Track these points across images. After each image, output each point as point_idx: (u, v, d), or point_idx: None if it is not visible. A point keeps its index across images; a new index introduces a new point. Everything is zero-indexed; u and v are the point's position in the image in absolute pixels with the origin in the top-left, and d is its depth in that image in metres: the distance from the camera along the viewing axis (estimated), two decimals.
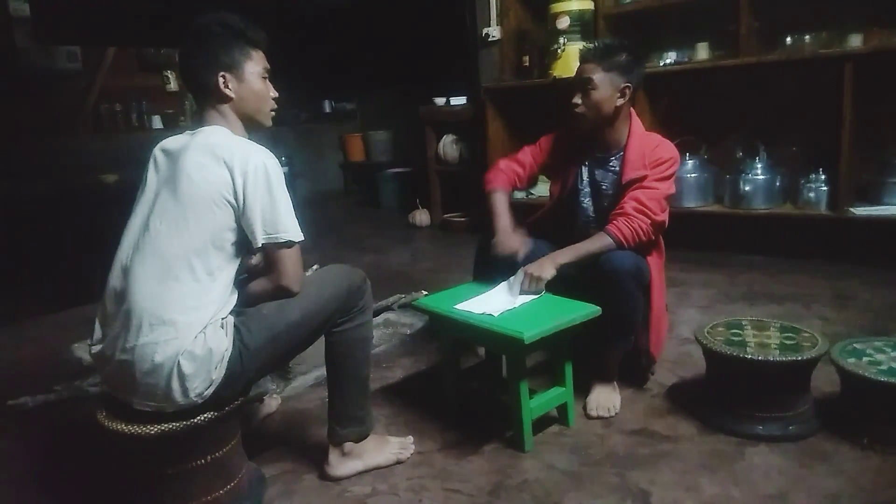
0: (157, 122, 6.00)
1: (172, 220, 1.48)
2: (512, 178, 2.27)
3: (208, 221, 1.48)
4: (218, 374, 1.46)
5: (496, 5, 4.66)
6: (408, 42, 6.35)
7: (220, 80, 1.57)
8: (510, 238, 2.09)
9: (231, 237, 1.51)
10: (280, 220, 1.51)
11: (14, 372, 2.73)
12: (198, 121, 1.65)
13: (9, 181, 4.39)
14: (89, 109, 5.60)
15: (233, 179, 1.48)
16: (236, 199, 1.49)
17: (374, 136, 7.23)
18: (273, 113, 1.71)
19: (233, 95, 1.59)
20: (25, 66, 4.97)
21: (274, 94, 1.68)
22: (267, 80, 1.66)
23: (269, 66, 1.67)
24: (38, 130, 4.99)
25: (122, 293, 1.48)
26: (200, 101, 1.63)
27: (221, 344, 1.47)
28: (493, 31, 4.68)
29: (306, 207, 6.76)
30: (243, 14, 1.62)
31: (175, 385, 1.42)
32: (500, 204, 2.19)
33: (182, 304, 1.44)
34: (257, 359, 1.54)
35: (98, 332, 1.54)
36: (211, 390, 1.46)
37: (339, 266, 1.77)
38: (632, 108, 2.16)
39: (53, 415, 2.29)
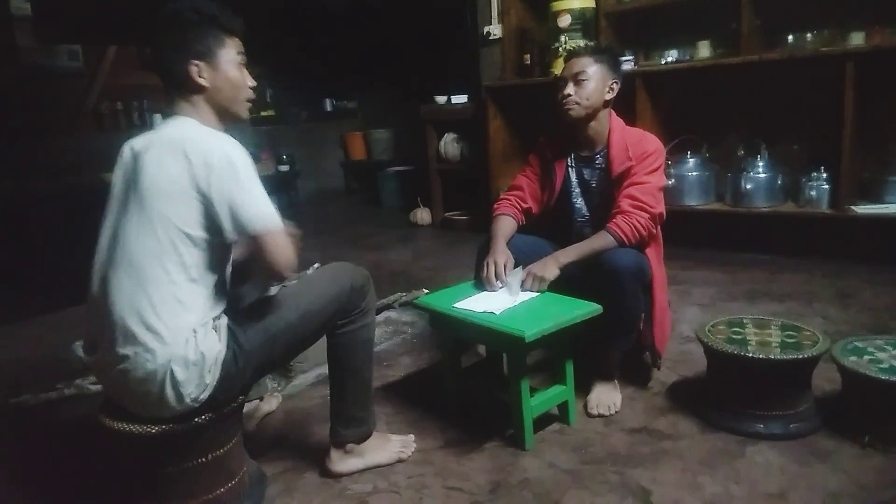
0: (158, 121, 5.99)
1: (139, 222, 1.41)
2: (515, 203, 2.28)
3: (174, 220, 1.40)
4: (212, 378, 1.43)
5: (497, 4, 4.66)
6: (409, 40, 6.35)
7: (193, 68, 1.48)
8: (500, 257, 2.05)
9: (203, 234, 1.43)
10: (253, 209, 1.41)
11: (15, 370, 2.74)
12: (167, 113, 1.55)
13: (9, 180, 4.39)
14: (90, 108, 5.59)
15: (195, 173, 1.40)
16: (201, 192, 1.40)
17: (375, 135, 7.23)
18: (249, 104, 1.60)
19: (207, 85, 1.50)
20: (26, 64, 4.96)
21: (251, 82, 1.58)
22: (243, 69, 1.56)
23: (244, 54, 1.57)
24: (39, 129, 4.99)
25: (104, 304, 1.42)
26: (172, 92, 1.53)
27: (214, 347, 1.44)
28: (495, 30, 4.67)
29: (307, 206, 6.80)
30: (243, 11, 1.56)
31: (169, 392, 1.39)
32: (500, 227, 2.18)
33: (164, 308, 1.39)
34: (253, 360, 1.51)
35: (89, 342, 1.52)
36: (206, 394, 1.43)
37: (341, 265, 1.74)
38: (613, 109, 2.19)
39: (55, 413, 2.29)
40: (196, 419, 1.46)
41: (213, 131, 1.50)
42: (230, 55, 1.53)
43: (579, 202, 2.26)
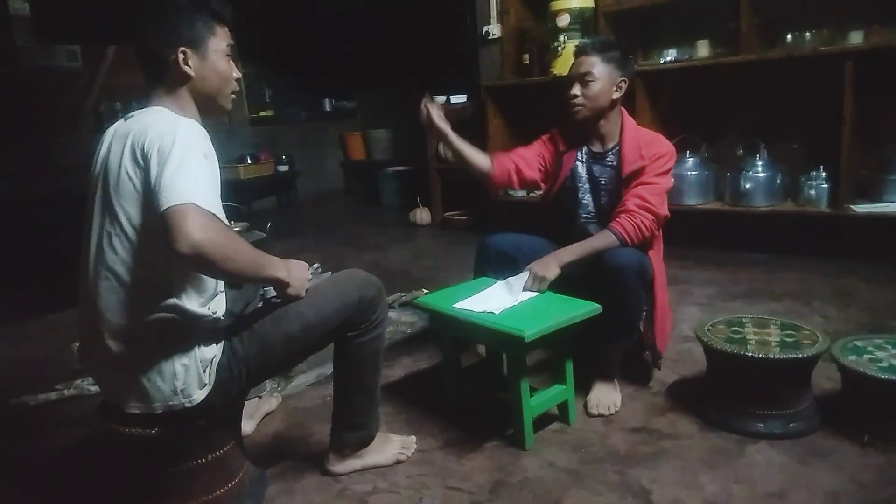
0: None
1: (113, 222, 1.36)
2: (506, 158, 2.30)
3: (135, 219, 1.34)
4: (208, 380, 1.42)
5: (496, 3, 4.66)
6: (408, 40, 6.35)
7: (180, 56, 1.43)
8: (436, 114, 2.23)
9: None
10: (172, 181, 1.24)
11: (15, 371, 2.74)
12: (143, 102, 1.47)
13: (9, 181, 4.39)
14: (90, 108, 5.60)
15: (147, 163, 1.29)
16: (146, 189, 1.30)
17: (375, 135, 7.23)
18: (234, 96, 1.55)
19: (192, 74, 1.45)
20: (26, 64, 4.96)
21: (237, 74, 1.54)
22: (230, 60, 1.51)
23: (233, 44, 1.52)
24: (38, 129, 4.99)
25: (90, 308, 1.40)
26: (152, 79, 1.46)
27: (210, 351, 1.42)
28: (494, 29, 4.67)
29: (307, 206, 6.80)
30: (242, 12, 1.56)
31: (161, 384, 1.37)
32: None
33: (148, 302, 1.35)
34: (248, 368, 1.49)
35: (81, 344, 1.51)
36: (202, 394, 1.41)
37: (352, 274, 1.68)
38: (622, 106, 2.19)
39: (54, 414, 2.29)
40: (195, 420, 1.45)
41: (177, 118, 1.40)
42: (219, 45, 1.49)
43: (587, 198, 2.24)
